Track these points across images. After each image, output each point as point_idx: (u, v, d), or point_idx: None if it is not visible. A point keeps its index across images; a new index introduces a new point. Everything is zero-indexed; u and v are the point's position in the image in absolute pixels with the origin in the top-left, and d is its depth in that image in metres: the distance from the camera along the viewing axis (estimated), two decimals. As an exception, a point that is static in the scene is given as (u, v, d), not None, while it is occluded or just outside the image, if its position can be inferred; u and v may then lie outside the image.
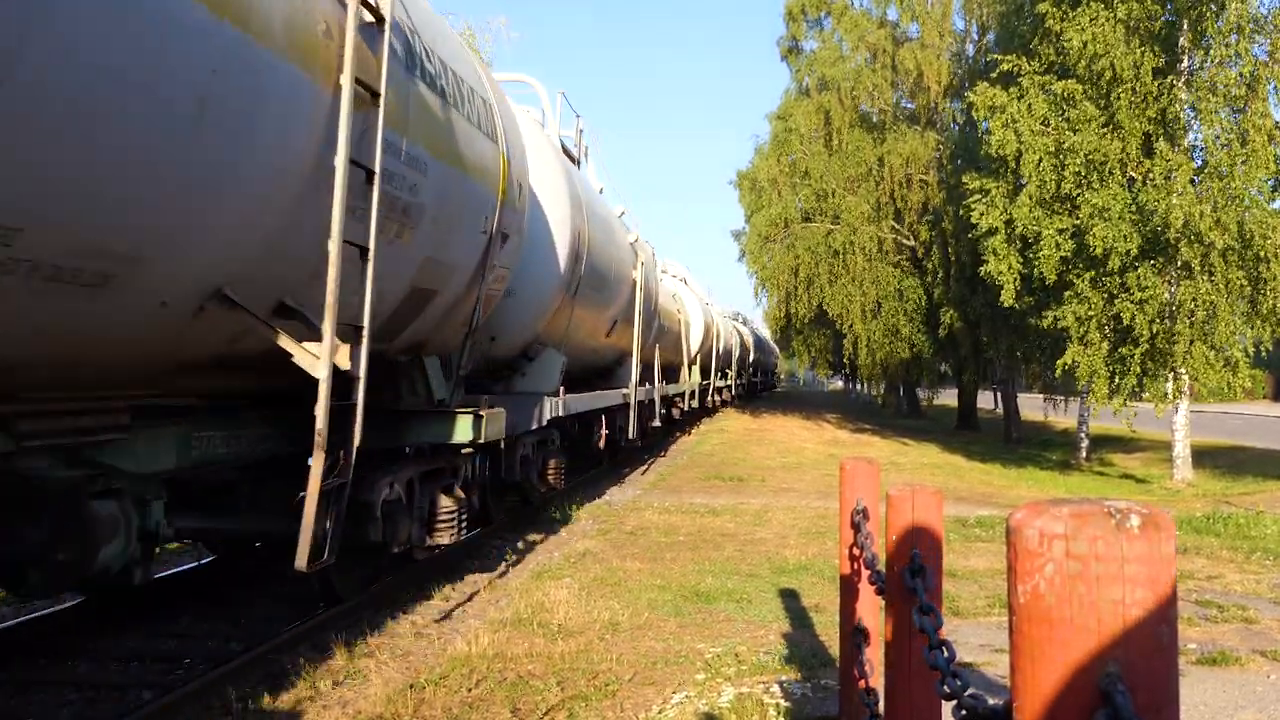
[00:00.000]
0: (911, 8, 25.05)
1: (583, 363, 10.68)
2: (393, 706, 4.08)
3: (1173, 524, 1.00)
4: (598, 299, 9.83)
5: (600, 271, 9.65)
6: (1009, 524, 1.04)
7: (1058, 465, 19.11)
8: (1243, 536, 8.67)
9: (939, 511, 2.38)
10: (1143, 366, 13.94)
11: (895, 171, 24.08)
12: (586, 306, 9.44)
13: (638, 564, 7.15)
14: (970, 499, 11.84)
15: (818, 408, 38.17)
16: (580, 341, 9.88)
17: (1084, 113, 14.00)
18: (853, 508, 3.23)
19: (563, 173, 8.44)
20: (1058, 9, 14.20)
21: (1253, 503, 11.75)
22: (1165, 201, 13.23)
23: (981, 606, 5.91)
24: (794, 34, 27.82)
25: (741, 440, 20.32)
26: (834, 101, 24.83)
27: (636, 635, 5.25)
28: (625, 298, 11.28)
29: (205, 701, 4.07)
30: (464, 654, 4.80)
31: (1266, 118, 13.28)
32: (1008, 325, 18.63)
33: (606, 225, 10.35)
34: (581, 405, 9.47)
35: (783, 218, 25.46)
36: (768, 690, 4.22)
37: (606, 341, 11.24)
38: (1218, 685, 4.37)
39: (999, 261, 14.98)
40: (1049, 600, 0.99)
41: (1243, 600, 6.12)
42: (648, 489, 12.05)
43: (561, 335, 8.80)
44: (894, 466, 15.50)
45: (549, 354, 8.49)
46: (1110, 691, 0.94)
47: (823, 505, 10.38)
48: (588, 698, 4.25)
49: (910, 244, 24.99)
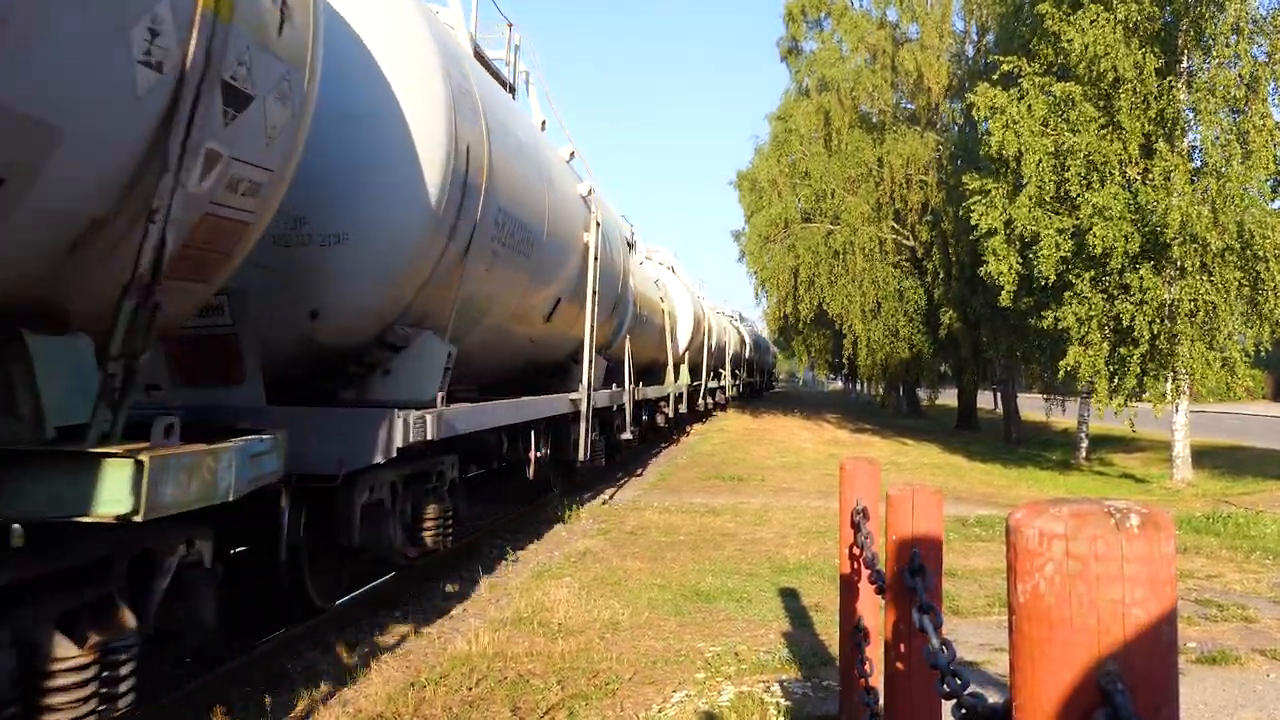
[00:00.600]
0: (911, 8, 25.04)
1: (509, 357, 8.01)
2: (393, 705, 4.09)
3: (1172, 523, 1.00)
4: (520, 262, 6.82)
5: (522, 221, 6.67)
6: (1009, 524, 1.05)
7: (1058, 465, 19.11)
8: (1242, 536, 8.68)
9: (939, 511, 2.39)
10: (1143, 367, 13.95)
11: (895, 172, 24.08)
12: (502, 272, 6.44)
13: (638, 563, 7.15)
14: (970, 499, 11.84)
15: (817, 408, 38.16)
16: (499, 325, 7.01)
17: (1084, 114, 14.01)
18: (853, 507, 3.23)
19: (429, 40, 5.24)
20: (1058, 10, 14.21)
21: (1252, 502, 11.76)
22: (1165, 202, 13.24)
23: (981, 606, 5.91)
24: (794, 34, 27.82)
25: (741, 440, 20.32)
26: (834, 102, 24.82)
27: (637, 634, 5.25)
28: (573, 269, 8.41)
29: (206, 701, 4.08)
30: (464, 653, 4.81)
31: (1267, 118, 13.29)
32: (1007, 325, 18.63)
33: (533, 157, 7.18)
34: (485, 418, 6.51)
35: (783, 218, 25.46)
36: (768, 689, 4.22)
37: (548, 329, 8.27)
38: (1217, 684, 4.37)
39: (999, 262, 14.99)
40: (1049, 600, 0.99)
41: (1242, 599, 6.13)
42: (648, 489, 12.05)
43: (451, 313, 5.66)
44: (894, 466, 15.49)
45: (426, 342, 5.41)
46: (1110, 690, 0.94)
47: (823, 505, 10.38)
48: (588, 697, 4.25)
49: (910, 244, 24.98)
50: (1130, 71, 13.59)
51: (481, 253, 5.89)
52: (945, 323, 22.23)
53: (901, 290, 24.66)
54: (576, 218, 8.47)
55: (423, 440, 5.15)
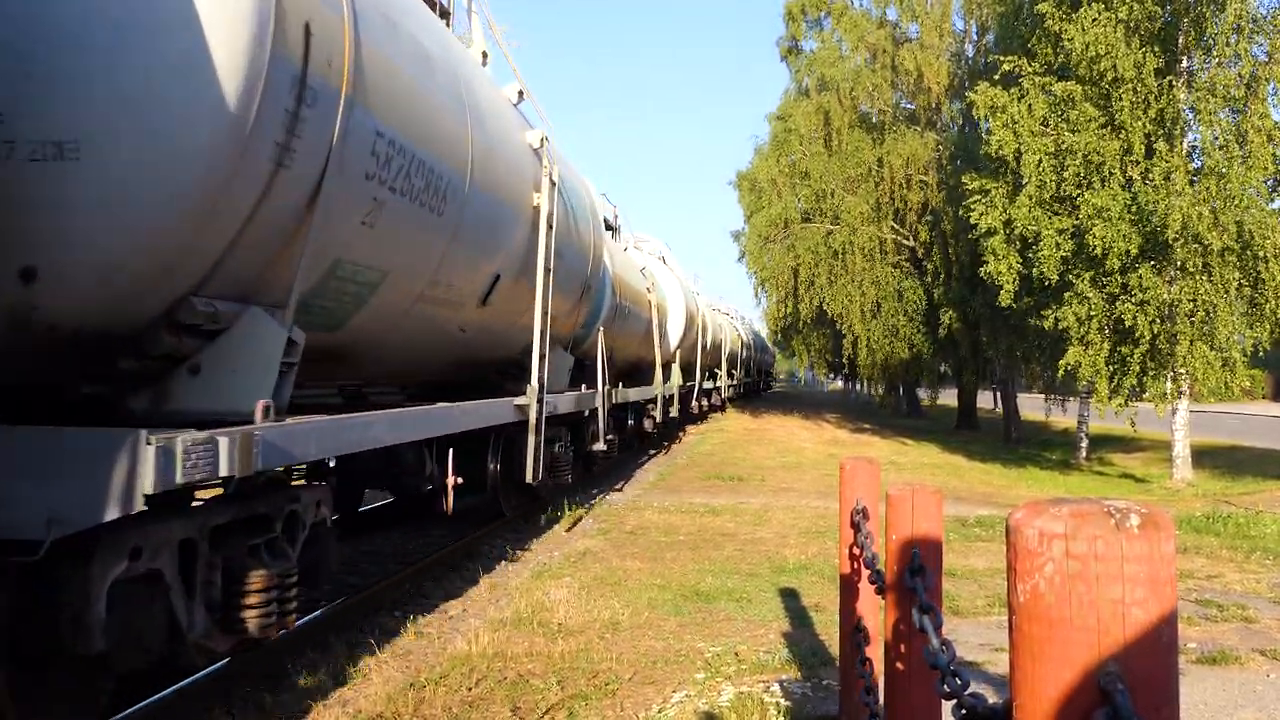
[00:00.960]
0: (911, 8, 25.05)
1: (431, 351, 6.17)
2: (393, 705, 4.09)
3: (1172, 523, 1.00)
4: (428, 220, 4.94)
5: (427, 162, 4.76)
6: (1009, 523, 1.05)
7: (1057, 465, 19.11)
8: (1242, 536, 8.68)
9: (939, 511, 2.39)
10: (1143, 366, 13.96)
11: (895, 172, 24.08)
12: (395, 229, 4.62)
13: (638, 563, 7.15)
14: (970, 498, 11.84)
15: (817, 407, 38.17)
16: (403, 307, 5.15)
17: (1084, 113, 14.01)
18: (852, 507, 3.23)
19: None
20: (1058, 9, 14.21)
21: (1252, 502, 11.76)
22: (1165, 202, 13.24)
23: (981, 606, 5.91)
24: (794, 34, 27.83)
25: (741, 440, 20.33)
26: (834, 102, 24.83)
27: (636, 634, 5.25)
28: (519, 239, 6.63)
29: (205, 701, 4.08)
30: (464, 653, 4.81)
31: (1266, 118, 13.30)
32: (1007, 325, 18.63)
33: (447, 76, 5.26)
34: (351, 438, 4.40)
35: (782, 218, 25.46)
36: (768, 689, 4.22)
37: (486, 315, 6.47)
38: (1217, 684, 4.37)
39: (999, 262, 15.00)
40: (1049, 600, 0.99)
41: (1242, 599, 6.13)
42: (648, 488, 12.05)
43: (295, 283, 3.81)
44: (894, 466, 15.50)
45: (252, 324, 3.67)
46: (1110, 690, 0.94)
47: (822, 505, 10.39)
48: (588, 697, 4.25)
49: (910, 244, 24.99)
50: (1130, 71, 13.60)
51: (349, 195, 4.09)
52: (945, 322, 22.24)
53: (901, 290, 24.67)
54: (522, 172, 6.64)
55: (208, 478, 3.22)
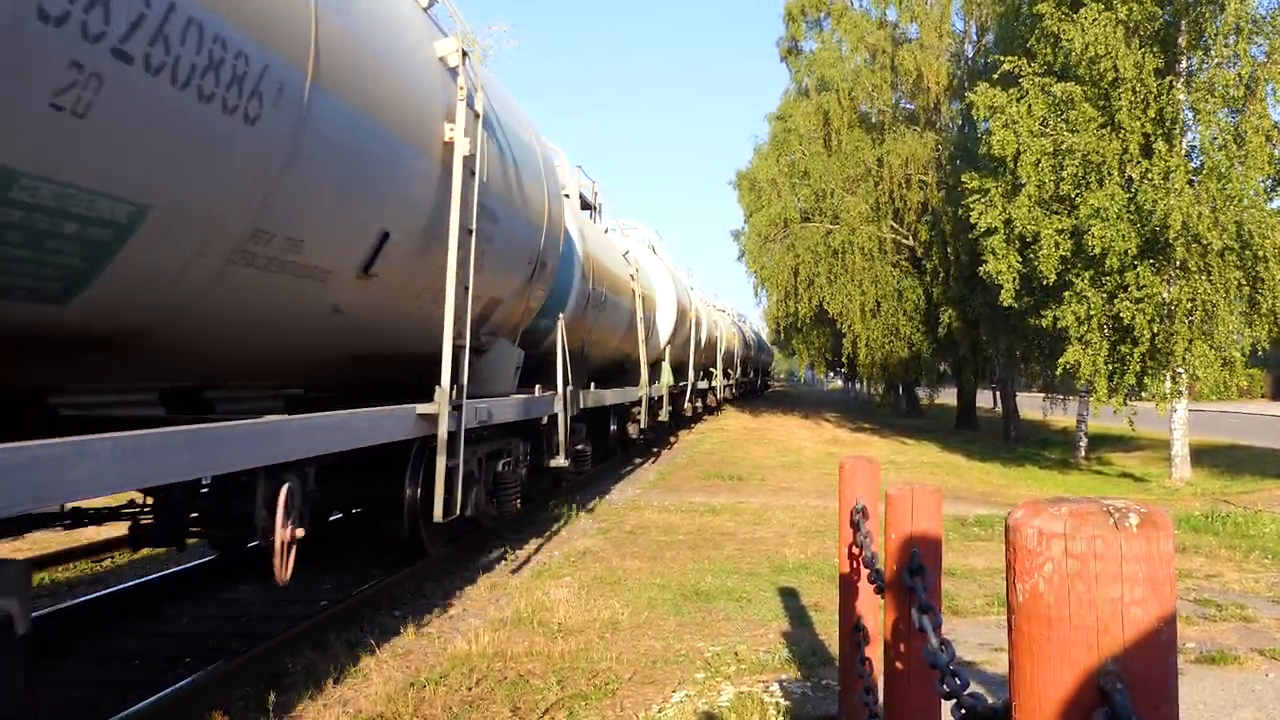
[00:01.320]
0: (911, 8, 25.05)
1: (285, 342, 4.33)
2: (393, 705, 4.09)
3: (1171, 523, 1.01)
4: (213, 120, 3.04)
5: (209, 27, 2.93)
6: (1008, 523, 1.05)
7: (1057, 464, 19.12)
8: (1241, 535, 8.69)
9: (938, 510, 2.39)
10: (1142, 365, 13.97)
11: (894, 172, 24.09)
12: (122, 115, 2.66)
13: (637, 563, 7.15)
14: (969, 498, 11.84)
15: (817, 407, 38.17)
16: (181, 262, 3.21)
17: (1083, 114, 14.02)
18: (852, 506, 3.23)
19: None
20: (1057, 10, 14.22)
21: (1251, 501, 11.77)
22: (1164, 202, 13.25)
23: (981, 605, 5.91)
24: (793, 34, 27.84)
25: (741, 439, 20.33)
26: (833, 102, 24.84)
27: (636, 634, 5.26)
28: (423, 184, 4.90)
29: (206, 700, 4.08)
30: (464, 653, 4.81)
31: (1264, 118, 13.30)
32: (1007, 325, 18.65)
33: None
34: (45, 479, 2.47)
35: (782, 218, 25.47)
36: (767, 689, 4.22)
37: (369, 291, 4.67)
38: (1216, 684, 4.38)
39: (998, 261, 15.01)
40: (1048, 599, 0.99)
41: (1241, 599, 6.13)
42: (647, 488, 12.05)
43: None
44: (893, 465, 15.51)
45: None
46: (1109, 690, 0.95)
47: (822, 504, 10.39)
48: (587, 696, 4.25)
49: (909, 244, 24.99)
50: (1130, 71, 13.61)
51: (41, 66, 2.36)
52: (944, 322, 22.25)
53: (901, 289, 24.68)
54: (421, 90, 4.82)
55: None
